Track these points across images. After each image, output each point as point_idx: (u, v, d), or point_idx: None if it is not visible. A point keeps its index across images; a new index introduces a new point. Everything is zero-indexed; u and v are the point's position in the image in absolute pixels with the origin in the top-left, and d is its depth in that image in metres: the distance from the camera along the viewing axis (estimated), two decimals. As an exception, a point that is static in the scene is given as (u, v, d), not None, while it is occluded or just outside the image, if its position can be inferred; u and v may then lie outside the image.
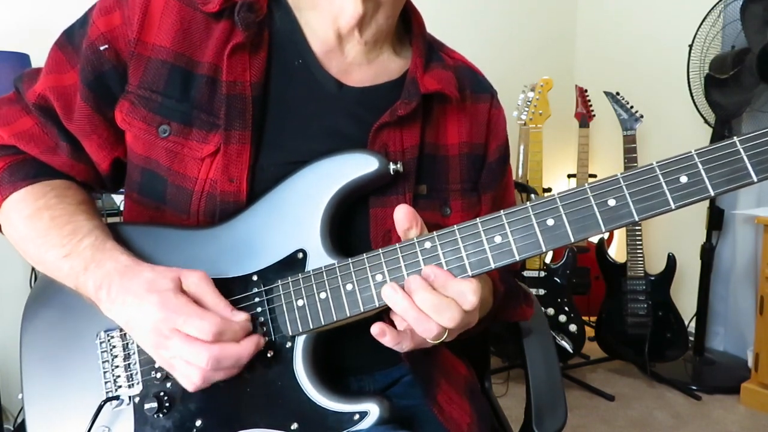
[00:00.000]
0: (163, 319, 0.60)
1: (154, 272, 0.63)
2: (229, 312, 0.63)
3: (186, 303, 0.61)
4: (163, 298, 0.61)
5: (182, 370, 0.61)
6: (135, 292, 0.62)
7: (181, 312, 0.60)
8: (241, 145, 0.70)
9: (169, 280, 0.62)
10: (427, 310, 0.60)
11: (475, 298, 0.60)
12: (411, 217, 0.63)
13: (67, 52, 0.74)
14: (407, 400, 0.79)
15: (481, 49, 2.85)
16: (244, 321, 0.64)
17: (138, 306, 0.61)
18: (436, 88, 0.76)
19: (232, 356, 0.61)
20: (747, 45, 2.31)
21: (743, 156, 0.54)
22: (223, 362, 0.60)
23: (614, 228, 0.58)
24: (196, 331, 0.60)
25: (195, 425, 0.67)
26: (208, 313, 0.61)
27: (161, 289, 0.61)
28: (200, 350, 0.59)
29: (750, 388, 2.36)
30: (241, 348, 0.62)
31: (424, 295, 0.60)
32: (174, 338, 0.60)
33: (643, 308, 2.54)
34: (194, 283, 0.63)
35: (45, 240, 0.69)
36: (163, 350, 0.62)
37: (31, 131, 0.75)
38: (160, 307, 0.60)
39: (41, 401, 0.72)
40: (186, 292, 0.63)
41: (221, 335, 0.60)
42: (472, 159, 0.82)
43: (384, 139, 0.74)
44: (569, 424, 0.95)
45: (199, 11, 0.72)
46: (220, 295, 0.64)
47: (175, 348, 0.60)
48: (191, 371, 0.61)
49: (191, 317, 0.60)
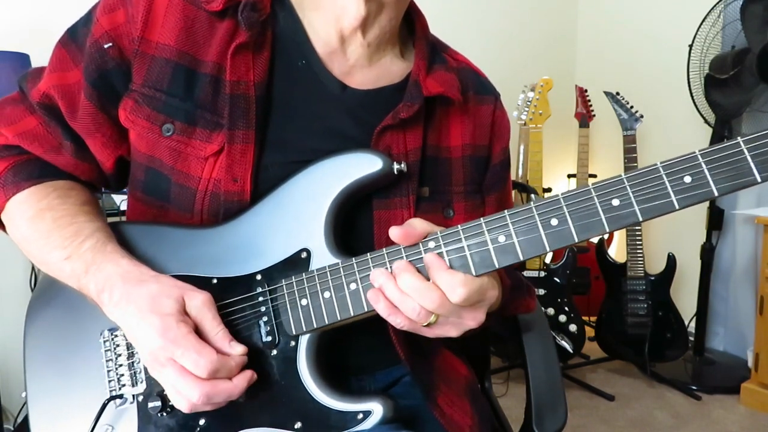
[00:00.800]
0: (161, 346, 0.60)
1: (159, 286, 0.63)
2: (226, 344, 0.63)
3: (186, 335, 0.60)
4: (165, 324, 0.60)
5: (173, 396, 0.62)
6: (137, 304, 0.62)
7: (179, 344, 0.60)
8: (245, 144, 0.70)
9: (173, 300, 0.62)
10: (408, 291, 0.60)
11: (463, 290, 0.60)
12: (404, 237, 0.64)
13: (71, 50, 0.74)
14: (408, 400, 0.79)
15: (482, 49, 2.85)
16: (240, 355, 0.63)
17: (138, 322, 0.61)
18: (439, 91, 0.76)
19: (223, 393, 0.61)
20: (747, 45, 2.31)
21: (747, 156, 0.54)
22: (213, 399, 0.61)
23: (618, 228, 0.58)
24: (192, 365, 0.60)
25: (198, 424, 0.67)
26: (206, 349, 0.61)
27: (164, 312, 0.61)
28: (193, 386, 0.60)
29: (750, 388, 2.36)
30: (233, 386, 0.62)
31: (406, 277, 0.61)
32: (169, 368, 0.60)
33: (643, 308, 2.54)
34: (196, 307, 0.63)
35: (47, 241, 0.69)
36: (157, 374, 0.62)
37: (35, 131, 0.75)
38: (160, 333, 0.60)
39: (45, 400, 0.72)
40: (188, 314, 0.63)
41: (216, 372, 0.60)
42: (475, 161, 0.82)
43: (387, 142, 0.74)
44: (569, 424, 0.95)
45: (202, 10, 0.72)
46: (220, 322, 0.64)
47: (168, 377, 0.61)
48: (181, 401, 0.61)
49: (189, 351, 0.60)
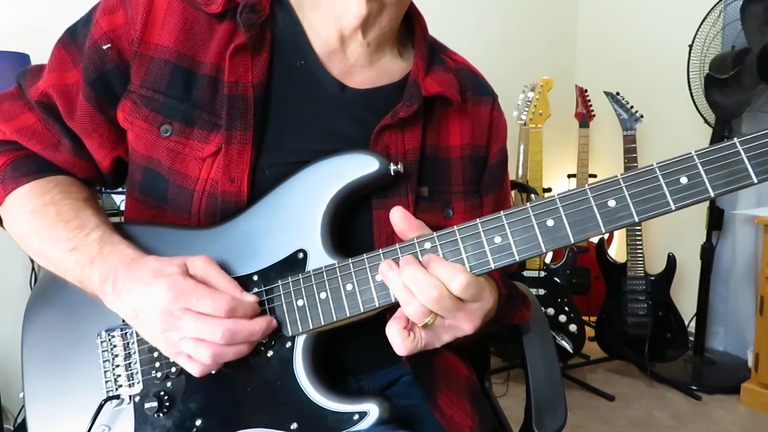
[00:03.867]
0: (173, 299, 0.61)
1: (159, 261, 0.64)
2: (238, 292, 0.64)
3: (196, 284, 0.62)
4: (172, 280, 0.62)
5: (191, 350, 0.61)
6: (142, 279, 0.63)
7: (192, 292, 0.61)
8: (243, 145, 0.70)
9: (176, 266, 0.63)
10: (408, 282, 0.59)
11: (464, 276, 0.59)
12: (404, 215, 0.63)
13: (70, 50, 0.75)
14: (407, 400, 0.79)
15: (482, 49, 2.85)
16: (253, 302, 0.65)
17: (146, 293, 0.62)
18: (438, 91, 0.76)
19: (245, 330, 0.62)
20: (747, 45, 2.31)
21: (743, 157, 0.54)
22: (237, 336, 0.61)
23: (614, 229, 0.58)
24: (209, 308, 0.61)
25: (195, 425, 0.67)
26: (219, 292, 0.62)
27: (169, 273, 0.62)
28: (215, 324, 0.60)
29: (750, 388, 2.36)
30: (254, 324, 0.63)
31: (409, 269, 0.60)
32: (186, 317, 0.61)
33: (643, 308, 2.54)
34: (200, 267, 0.64)
35: (51, 234, 0.69)
36: (173, 332, 0.62)
37: (33, 128, 0.75)
38: (169, 288, 0.61)
39: (42, 400, 0.72)
40: (193, 276, 0.64)
41: (233, 311, 0.62)
42: (474, 161, 0.82)
43: (386, 141, 0.74)
44: (569, 424, 0.95)
45: (201, 12, 0.72)
46: (226, 275, 0.65)
47: (187, 327, 0.61)
48: (201, 350, 0.61)
49: (203, 295, 0.61)
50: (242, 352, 0.63)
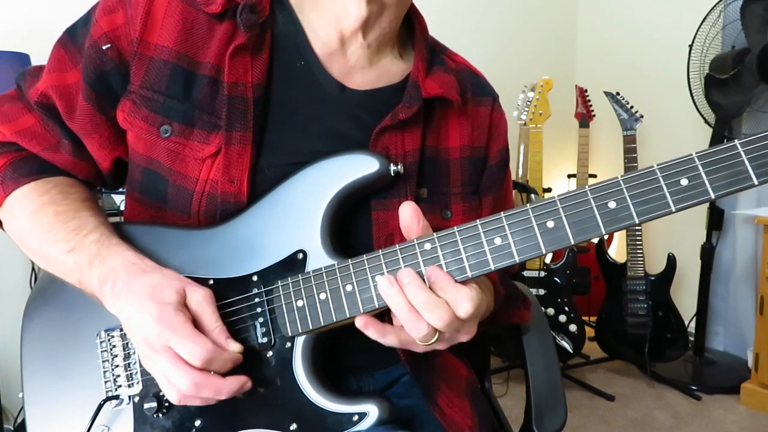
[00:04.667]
0: (157, 333, 0.60)
1: (162, 277, 0.63)
2: (223, 339, 0.63)
3: (183, 323, 0.60)
4: (162, 311, 0.60)
5: (163, 385, 0.62)
6: (138, 292, 0.62)
7: (176, 331, 0.60)
8: (242, 146, 0.70)
9: (174, 291, 0.62)
10: (417, 306, 0.60)
11: (470, 305, 0.59)
12: (416, 214, 0.63)
13: (70, 50, 0.75)
14: (407, 400, 0.79)
15: (482, 49, 2.85)
16: (235, 352, 0.63)
17: (137, 309, 0.61)
18: (438, 92, 0.76)
19: (213, 388, 0.61)
20: (747, 45, 2.30)
21: (744, 159, 0.54)
22: (202, 391, 0.60)
23: (615, 230, 0.58)
24: (186, 353, 0.59)
25: (194, 425, 0.67)
26: (202, 339, 0.60)
27: (163, 300, 0.61)
28: (185, 374, 0.59)
29: (750, 388, 2.36)
30: (224, 383, 0.61)
31: (416, 291, 0.60)
32: (162, 355, 0.60)
33: (643, 308, 2.54)
34: (197, 301, 0.63)
35: (49, 235, 0.69)
36: (149, 361, 0.62)
37: (33, 129, 0.75)
38: (156, 319, 0.60)
39: (41, 400, 0.72)
40: (188, 307, 0.63)
41: (209, 363, 0.60)
42: (473, 162, 0.82)
43: (385, 143, 0.74)
44: (569, 424, 0.95)
45: (201, 12, 0.72)
46: (219, 318, 0.64)
47: (161, 364, 0.60)
48: (170, 390, 0.61)
49: (185, 339, 0.59)
50: (209, 403, 0.63)
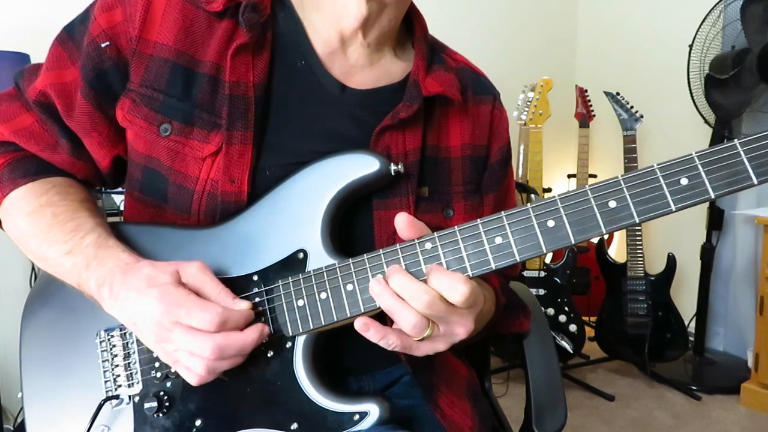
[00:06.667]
0: (164, 311, 0.60)
1: (153, 267, 0.63)
2: (230, 300, 0.63)
3: (186, 294, 0.61)
4: (163, 291, 0.60)
5: (186, 362, 0.61)
6: (136, 287, 0.62)
7: (181, 304, 0.60)
8: (243, 145, 0.70)
9: (168, 274, 0.62)
10: (403, 294, 0.59)
11: (465, 289, 0.58)
12: (410, 224, 0.63)
13: (68, 48, 0.74)
14: (407, 400, 0.79)
15: (482, 49, 2.84)
16: (245, 309, 0.63)
17: (139, 302, 0.61)
18: (438, 91, 0.76)
19: (236, 344, 0.61)
20: (747, 45, 2.30)
21: (744, 158, 0.54)
22: (227, 351, 0.60)
23: (615, 230, 0.58)
24: (198, 322, 0.59)
25: (195, 425, 0.67)
26: (209, 304, 0.61)
27: (161, 282, 0.61)
28: (204, 340, 0.59)
29: (750, 388, 2.36)
30: (245, 336, 0.62)
31: (400, 280, 0.60)
32: (176, 330, 0.60)
33: (643, 308, 2.54)
34: (192, 275, 0.63)
35: (47, 237, 0.69)
36: (167, 344, 0.62)
37: (31, 128, 0.75)
38: (160, 300, 0.60)
39: (41, 400, 0.72)
40: (185, 284, 0.63)
41: (224, 324, 0.60)
42: (474, 161, 0.82)
43: (386, 142, 0.74)
44: (569, 424, 0.95)
45: (201, 10, 0.72)
46: (220, 283, 0.64)
47: (178, 340, 0.60)
48: (195, 363, 0.60)
49: (192, 308, 0.60)
50: (237, 363, 0.63)
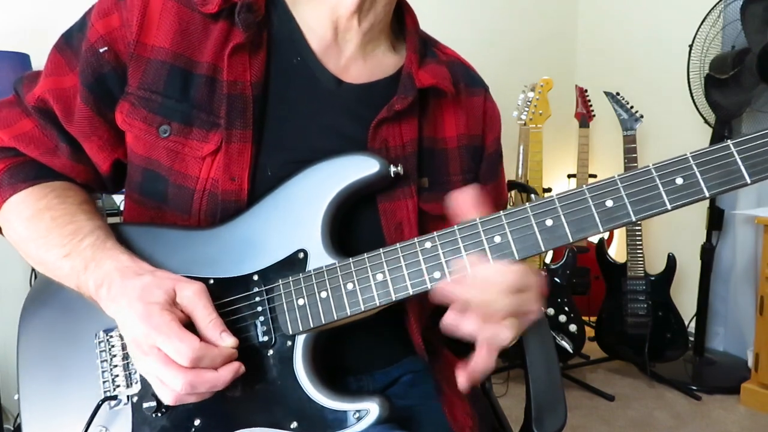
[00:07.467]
0: (144, 333, 0.59)
1: (153, 278, 0.63)
2: (217, 334, 0.62)
3: (168, 322, 0.59)
4: (147, 311, 0.59)
5: (156, 387, 0.61)
6: (128, 295, 0.61)
7: (161, 331, 0.59)
8: (243, 144, 0.71)
9: (163, 291, 0.61)
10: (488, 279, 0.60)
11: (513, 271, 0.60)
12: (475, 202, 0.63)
13: (67, 54, 0.75)
14: (406, 400, 0.79)
15: (481, 49, 2.85)
16: (227, 348, 0.62)
17: (126, 312, 0.61)
18: (432, 83, 0.77)
19: (206, 383, 0.59)
20: (747, 45, 2.31)
21: (737, 158, 0.55)
22: (197, 388, 0.59)
23: (612, 228, 0.59)
24: (173, 353, 0.58)
25: (193, 424, 0.67)
26: (188, 337, 0.59)
27: (150, 300, 0.60)
28: (175, 374, 0.58)
29: (750, 388, 2.36)
30: (218, 376, 0.60)
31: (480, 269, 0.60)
32: (152, 356, 0.59)
33: (643, 308, 2.54)
34: (187, 297, 0.62)
35: (46, 240, 0.69)
36: (141, 363, 0.61)
37: (31, 133, 0.75)
38: (141, 319, 0.59)
39: (38, 401, 0.73)
40: (179, 304, 0.62)
41: (198, 361, 0.59)
42: (471, 151, 0.84)
43: (383, 135, 0.75)
44: (569, 424, 0.95)
45: (197, 12, 0.73)
46: (214, 311, 0.63)
47: (152, 365, 0.59)
48: (164, 391, 0.60)
49: (171, 338, 0.58)
50: (205, 398, 0.62)
